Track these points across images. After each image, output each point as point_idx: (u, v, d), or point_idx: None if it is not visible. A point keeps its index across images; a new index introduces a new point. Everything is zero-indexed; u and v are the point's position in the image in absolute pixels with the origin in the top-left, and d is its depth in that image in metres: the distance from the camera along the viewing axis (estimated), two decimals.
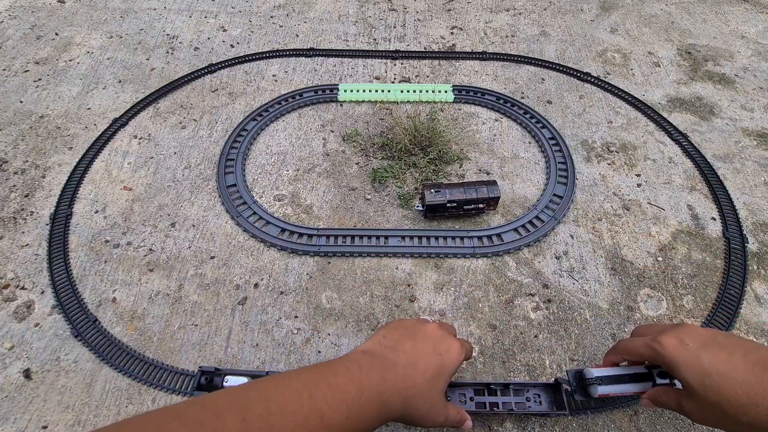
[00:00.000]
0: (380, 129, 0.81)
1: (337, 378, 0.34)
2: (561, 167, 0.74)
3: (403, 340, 0.39)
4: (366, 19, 1.04)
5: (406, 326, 0.41)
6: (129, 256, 0.64)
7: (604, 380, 0.44)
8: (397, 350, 0.38)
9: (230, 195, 0.70)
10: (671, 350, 0.37)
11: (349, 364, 0.36)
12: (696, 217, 0.69)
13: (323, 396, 0.32)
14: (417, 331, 0.41)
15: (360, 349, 0.39)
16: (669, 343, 0.38)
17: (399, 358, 0.38)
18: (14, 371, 0.54)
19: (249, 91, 0.87)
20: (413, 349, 0.39)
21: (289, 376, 0.34)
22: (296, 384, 0.33)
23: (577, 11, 1.07)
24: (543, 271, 0.63)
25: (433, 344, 0.40)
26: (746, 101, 0.87)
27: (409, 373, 0.37)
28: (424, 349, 0.39)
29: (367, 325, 0.58)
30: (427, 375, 0.38)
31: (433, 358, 0.39)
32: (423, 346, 0.39)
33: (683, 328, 0.39)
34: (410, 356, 0.38)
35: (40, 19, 1.01)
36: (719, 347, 0.36)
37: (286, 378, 0.33)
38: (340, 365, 0.36)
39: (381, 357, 0.37)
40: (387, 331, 0.41)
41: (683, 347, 0.37)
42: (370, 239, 0.66)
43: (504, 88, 0.88)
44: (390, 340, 0.39)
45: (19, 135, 0.79)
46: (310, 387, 0.32)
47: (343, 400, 0.33)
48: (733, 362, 0.34)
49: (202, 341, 0.57)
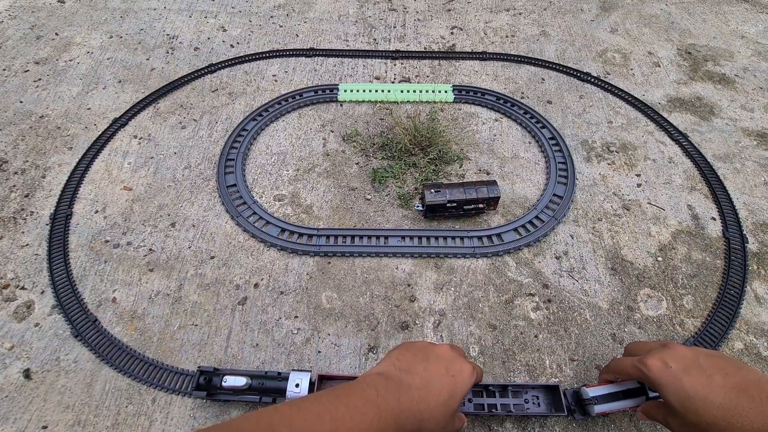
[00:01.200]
0: (380, 129, 0.81)
1: (354, 401, 0.35)
2: (561, 167, 0.74)
3: (417, 363, 0.40)
4: (366, 19, 1.04)
5: (418, 348, 0.42)
6: (129, 256, 0.64)
7: (600, 399, 0.46)
8: (411, 372, 0.39)
9: (230, 195, 0.70)
10: (655, 372, 0.39)
11: (366, 386, 0.36)
12: (696, 217, 0.69)
13: (343, 418, 0.33)
14: (429, 353, 0.41)
15: (374, 372, 0.39)
16: (653, 366, 0.40)
17: (414, 380, 0.38)
18: (14, 371, 0.54)
19: (249, 91, 0.87)
20: (426, 371, 0.39)
21: (310, 400, 0.35)
22: (317, 407, 0.33)
23: (577, 11, 1.07)
24: (543, 271, 0.63)
25: (446, 366, 0.40)
26: (746, 101, 0.87)
27: (423, 396, 0.37)
28: (437, 371, 0.39)
29: (367, 325, 0.58)
30: (441, 398, 0.38)
31: (446, 379, 0.39)
32: (436, 367, 0.40)
33: (668, 350, 0.41)
34: (424, 378, 0.38)
35: (40, 19, 1.01)
36: (700, 370, 0.38)
37: (308, 402, 0.34)
38: (356, 388, 0.36)
39: (396, 379, 0.38)
40: (399, 353, 0.41)
41: (666, 370, 0.39)
42: (370, 239, 0.66)
43: (504, 88, 0.88)
44: (403, 362, 0.40)
45: (19, 135, 0.79)
46: (330, 410, 0.33)
47: (362, 422, 0.33)
48: (711, 386, 0.36)
49: (202, 341, 0.57)
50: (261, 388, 0.49)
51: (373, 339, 0.57)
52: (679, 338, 0.57)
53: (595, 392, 0.47)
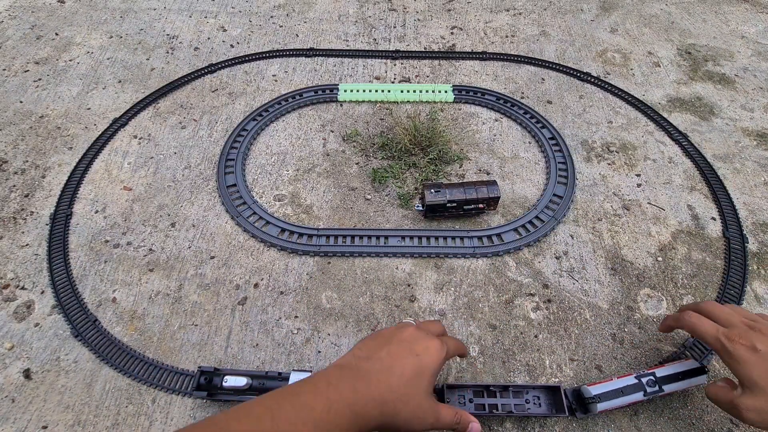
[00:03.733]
0: (380, 129, 0.81)
1: (303, 397, 0.33)
2: (561, 167, 0.74)
3: (378, 349, 0.39)
4: (366, 19, 1.04)
5: (383, 335, 0.41)
6: (129, 256, 0.64)
7: (602, 397, 0.47)
8: (372, 359, 0.38)
9: (230, 195, 0.70)
10: (743, 352, 0.41)
11: (318, 380, 0.36)
12: (696, 217, 0.69)
13: (286, 417, 0.32)
14: (393, 337, 0.40)
15: (333, 364, 0.39)
16: (740, 346, 0.41)
17: (373, 365, 0.37)
18: (14, 371, 0.54)
19: (249, 91, 0.87)
20: (388, 354, 0.38)
21: (251, 403, 0.33)
22: (258, 409, 0.32)
23: (577, 11, 1.07)
24: (543, 271, 0.63)
25: (409, 347, 0.39)
26: (746, 101, 0.87)
27: (383, 379, 0.36)
28: (399, 353, 0.38)
29: (367, 325, 0.58)
30: (404, 378, 0.37)
31: (410, 359, 0.38)
32: (398, 350, 0.39)
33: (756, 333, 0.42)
34: (385, 363, 0.37)
35: (40, 19, 1.01)
36: None
37: (248, 406, 0.33)
38: (307, 384, 0.35)
39: (354, 368, 0.37)
40: (363, 342, 0.40)
41: (755, 352, 0.40)
42: (370, 239, 0.66)
43: (504, 88, 0.88)
44: (365, 350, 0.39)
45: (19, 135, 0.79)
46: (272, 410, 0.32)
47: (309, 417, 0.32)
48: None
49: (202, 341, 0.57)
50: (261, 388, 0.49)
51: None
52: (678, 339, 0.57)
53: (597, 390, 0.47)
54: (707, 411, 0.51)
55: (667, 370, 0.49)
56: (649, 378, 0.48)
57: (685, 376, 0.48)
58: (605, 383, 0.48)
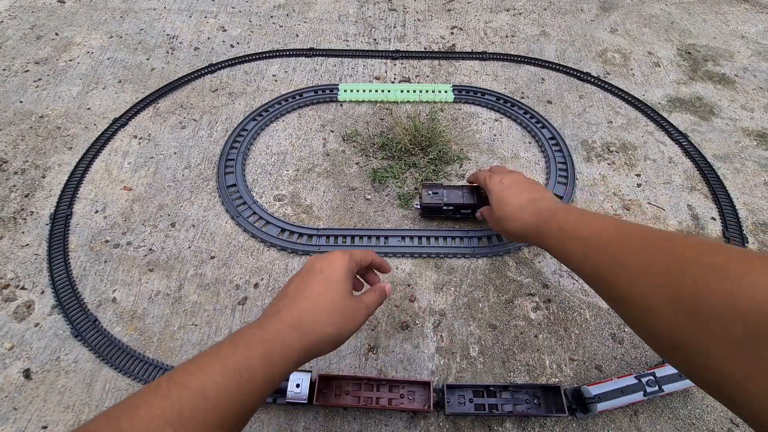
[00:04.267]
0: (380, 129, 0.81)
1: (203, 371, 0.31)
2: (561, 167, 0.74)
3: (285, 290, 0.38)
4: (366, 19, 1.04)
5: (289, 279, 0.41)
6: (129, 256, 0.64)
7: (602, 397, 0.47)
8: (278, 297, 0.38)
9: (230, 195, 0.70)
10: (493, 183, 0.56)
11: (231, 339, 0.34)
12: (696, 217, 0.69)
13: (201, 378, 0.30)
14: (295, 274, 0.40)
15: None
16: (493, 179, 0.57)
17: (281, 301, 0.37)
18: (14, 371, 0.54)
19: (249, 91, 0.87)
20: (293, 286, 0.38)
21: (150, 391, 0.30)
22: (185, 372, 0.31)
23: (577, 11, 1.07)
24: (543, 271, 0.63)
25: (311, 270, 0.39)
26: (746, 101, 0.87)
27: (290, 306, 0.36)
28: (304, 279, 0.38)
29: (366, 325, 0.58)
30: (314, 294, 0.37)
31: (314, 278, 0.38)
32: (301, 278, 0.39)
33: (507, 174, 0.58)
34: (290, 293, 0.37)
35: (40, 19, 1.01)
36: (519, 187, 0.55)
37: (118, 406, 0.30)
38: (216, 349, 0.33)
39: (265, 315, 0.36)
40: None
41: (500, 183, 0.56)
42: (370, 239, 0.66)
43: (504, 88, 0.88)
44: (276, 299, 0.38)
45: (19, 135, 0.79)
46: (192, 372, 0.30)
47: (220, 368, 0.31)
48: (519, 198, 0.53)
49: (202, 341, 0.57)
50: None
51: (373, 339, 0.57)
52: None
53: (598, 390, 0.47)
54: (707, 411, 0.51)
55: (667, 370, 0.49)
56: (649, 378, 0.48)
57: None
58: (605, 383, 0.48)
